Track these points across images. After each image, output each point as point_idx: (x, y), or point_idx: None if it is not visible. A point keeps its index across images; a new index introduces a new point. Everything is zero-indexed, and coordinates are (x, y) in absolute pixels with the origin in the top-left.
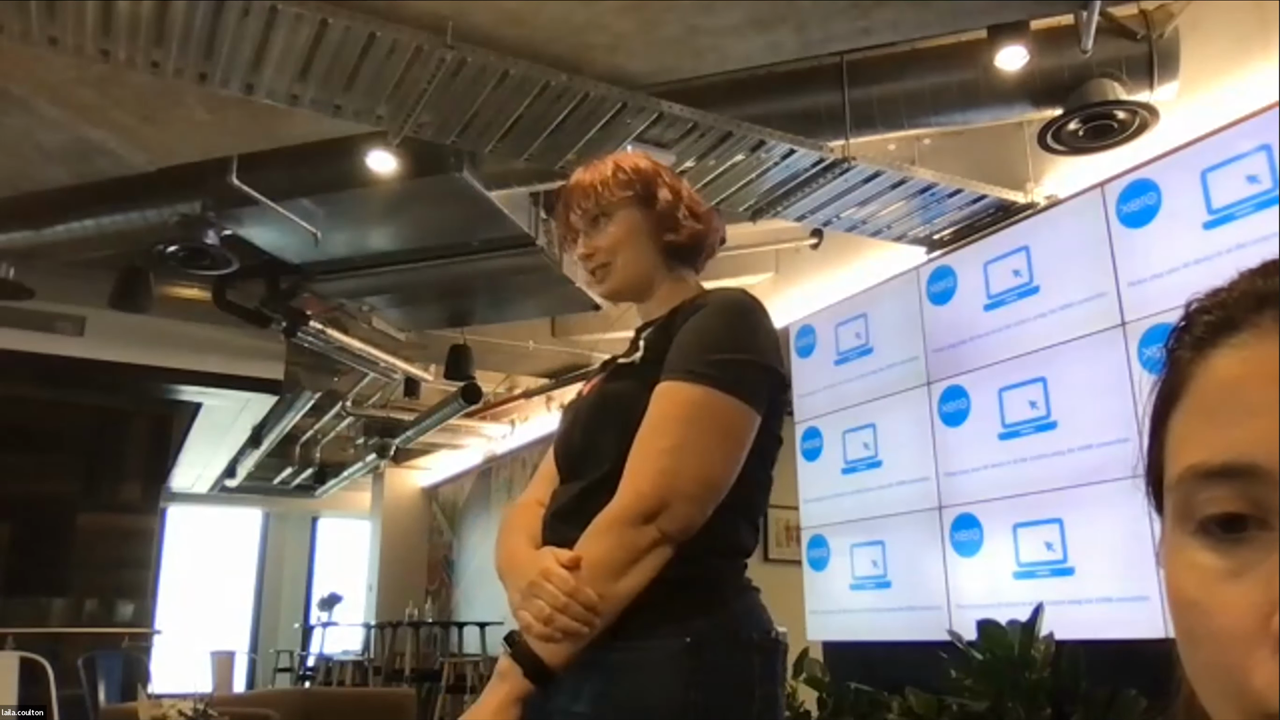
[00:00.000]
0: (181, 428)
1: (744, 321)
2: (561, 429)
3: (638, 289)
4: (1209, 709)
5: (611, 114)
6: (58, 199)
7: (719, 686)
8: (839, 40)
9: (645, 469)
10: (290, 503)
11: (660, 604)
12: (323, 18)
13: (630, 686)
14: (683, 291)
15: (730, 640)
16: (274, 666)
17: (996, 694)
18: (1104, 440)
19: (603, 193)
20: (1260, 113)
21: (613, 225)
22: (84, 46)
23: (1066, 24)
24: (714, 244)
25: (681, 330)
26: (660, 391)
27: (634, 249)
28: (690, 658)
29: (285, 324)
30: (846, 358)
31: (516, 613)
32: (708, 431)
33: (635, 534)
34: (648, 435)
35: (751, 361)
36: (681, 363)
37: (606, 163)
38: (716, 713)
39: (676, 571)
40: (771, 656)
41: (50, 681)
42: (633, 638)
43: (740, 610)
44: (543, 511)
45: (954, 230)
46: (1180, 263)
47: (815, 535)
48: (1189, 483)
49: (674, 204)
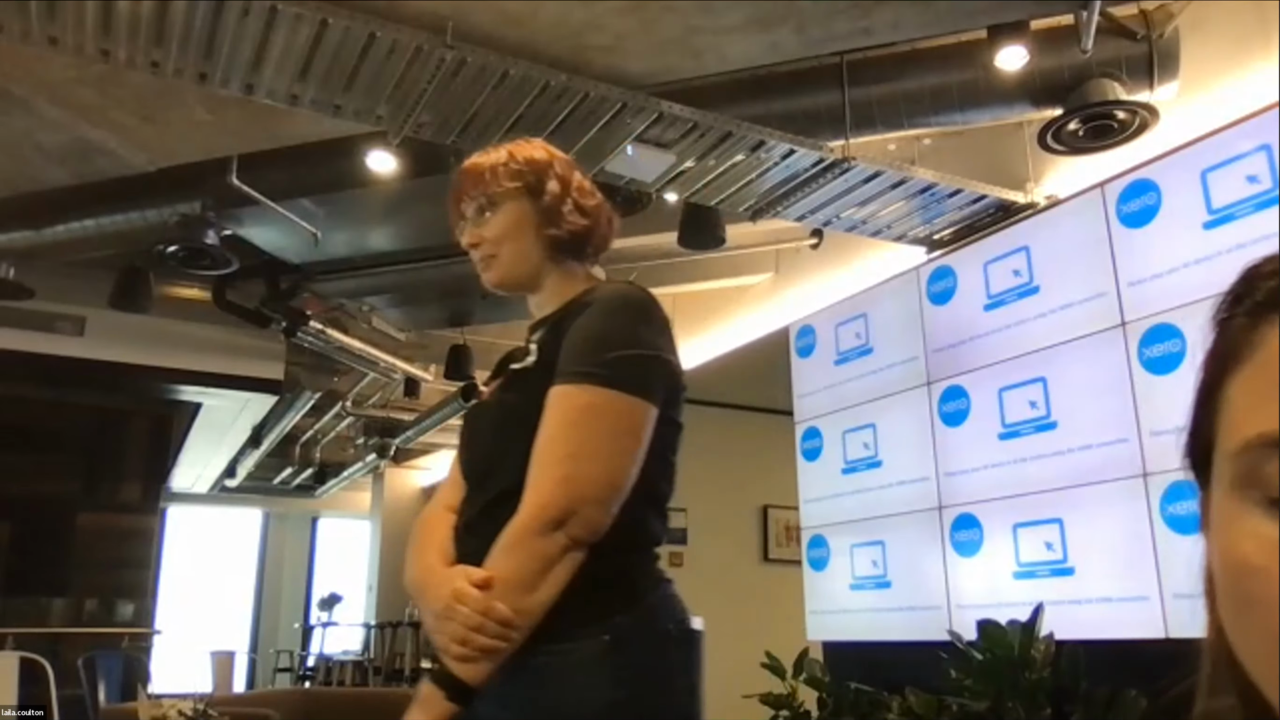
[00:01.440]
0: (181, 428)
1: (630, 316)
2: (463, 437)
3: (523, 281)
4: (1257, 672)
5: (611, 114)
6: (58, 199)
7: (642, 681)
8: (839, 40)
9: (546, 478)
10: (290, 503)
11: (579, 604)
12: (323, 18)
13: (556, 690)
14: (572, 286)
15: (649, 634)
16: (274, 666)
17: (996, 694)
18: (1104, 440)
19: (491, 182)
20: (1260, 113)
21: (499, 216)
22: (84, 46)
23: (1066, 24)
24: (602, 239)
25: (570, 330)
26: (554, 397)
27: (519, 241)
28: (612, 655)
29: (285, 324)
30: (846, 358)
31: (431, 635)
32: (604, 432)
33: (544, 544)
34: (545, 443)
35: (640, 355)
36: (571, 364)
37: (501, 150)
38: (641, 707)
39: (591, 570)
40: (689, 647)
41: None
42: (554, 640)
43: (656, 603)
44: (453, 519)
45: (954, 230)
46: (1180, 263)
47: (815, 535)
48: (1256, 450)
49: (559, 198)
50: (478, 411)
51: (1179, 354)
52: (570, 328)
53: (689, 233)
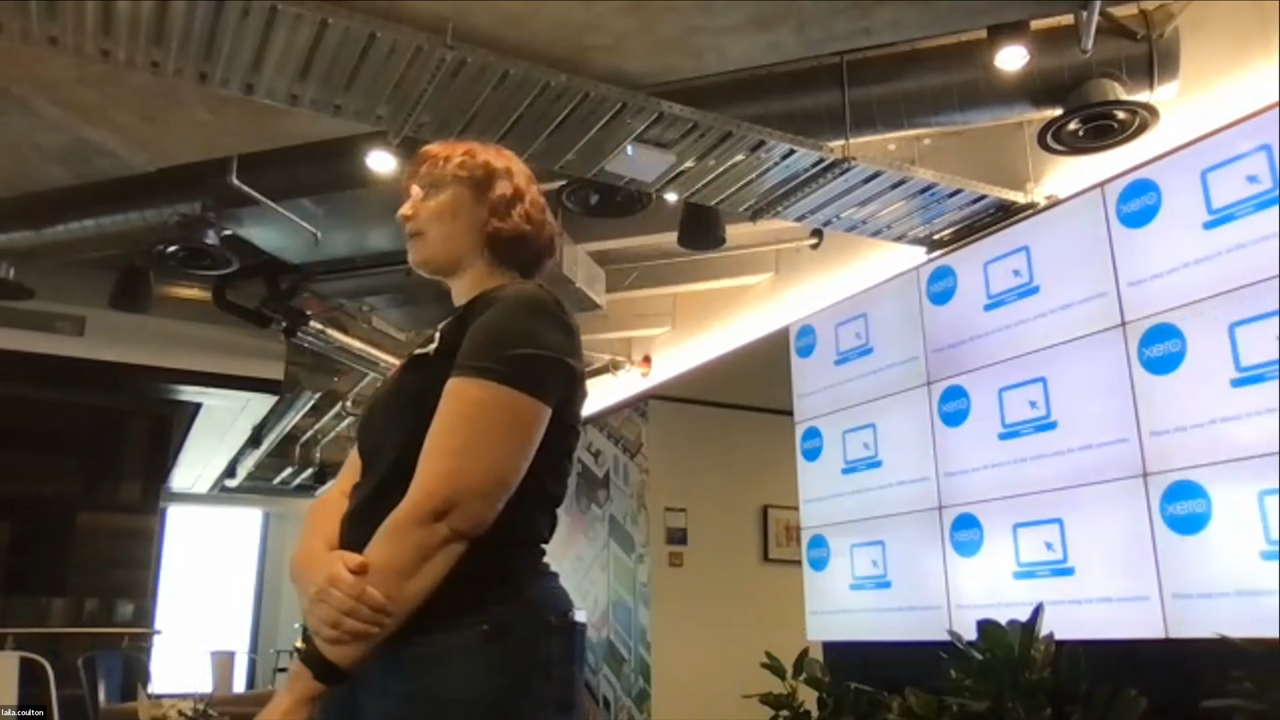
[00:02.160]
0: (181, 428)
1: (533, 316)
2: (360, 421)
3: (443, 265)
4: None
5: (611, 114)
6: (58, 199)
7: (519, 670)
8: (839, 40)
9: (434, 469)
10: (290, 503)
11: (459, 596)
12: (323, 18)
13: (433, 678)
14: (490, 282)
15: (528, 625)
16: (274, 666)
17: (996, 694)
18: (1104, 440)
19: (443, 167)
20: (1260, 113)
21: (440, 196)
22: (84, 46)
23: (1066, 24)
24: (537, 256)
25: (473, 325)
26: (450, 389)
27: (450, 225)
28: (489, 644)
29: (285, 324)
30: (846, 358)
31: (306, 618)
32: (495, 428)
33: (425, 534)
34: (436, 435)
35: (539, 355)
36: (470, 358)
37: (464, 145)
38: (517, 695)
39: (474, 563)
40: (568, 638)
41: (50, 681)
42: (432, 630)
43: (537, 595)
44: (345, 504)
45: (954, 230)
46: (1180, 263)
47: (815, 535)
48: None
49: (510, 200)
50: (376, 394)
51: (1179, 354)
52: (475, 322)
53: (689, 233)
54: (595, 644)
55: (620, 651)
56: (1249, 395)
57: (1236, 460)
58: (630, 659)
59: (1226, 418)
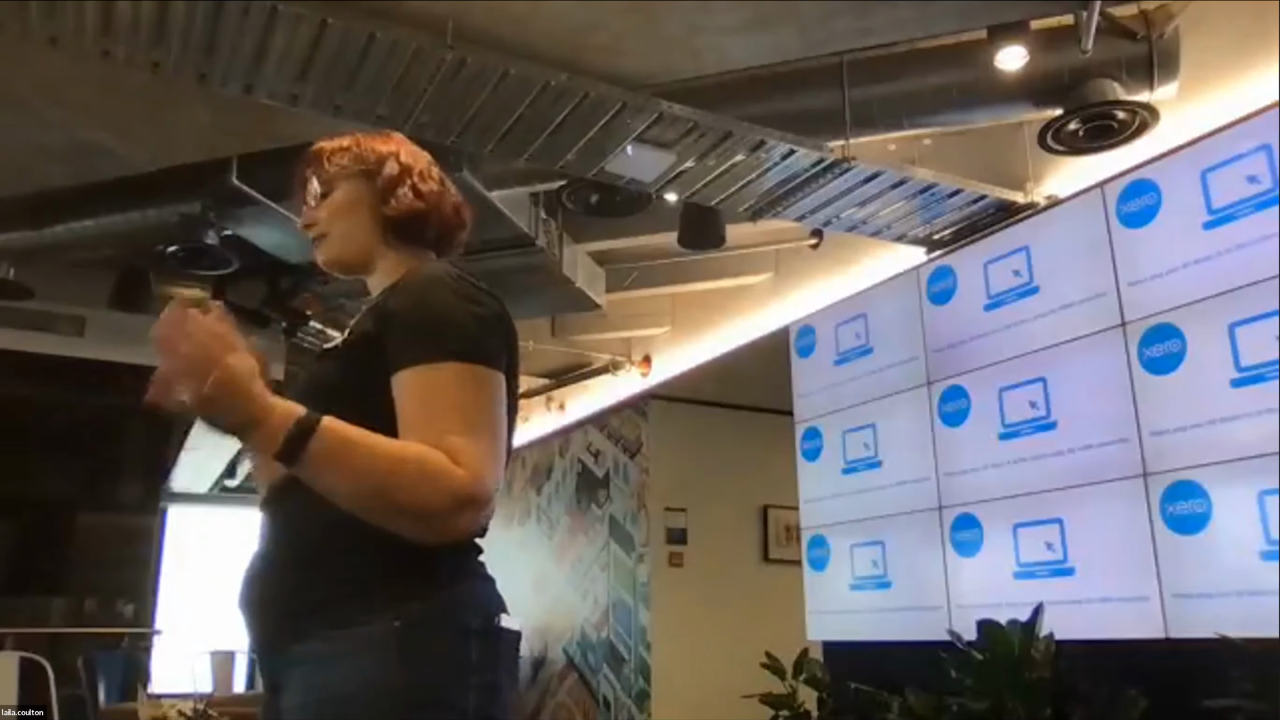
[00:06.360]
0: (181, 428)
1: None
2: None
3: (351, 262)
4: None
5: (611, 114)
6: (58, 199)
7: (430, 669)
8: (840, 40)
9: (474, 450)
10: None
11: (374, 590)
12: (323, 18)
13: (341, 671)
14: (400, 272)
15: (444, 625)
16: None
17: (996, 694)
18: (1104, 440)
19: (331, 164)
20: (1260, 113)
21: (335, 195)
22: (84, 46)
23: (1066, 24)
24: (445, 227)
25: (392, 322)
26: (400, 380)
27: (350, 221)
28: (400, 639)
29: (285, 324)
30: (846, 358)
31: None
32: (483, 407)
33: (438, 503)
34: (448, 410)
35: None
36: (406, 351)
37: (348, 137)
38: (427, 694)
39: (393, 556)
40: (492, 643)
41: (50, 681)
42: (346, 625)
43: (459, 595)
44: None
45: (954, 230)
46: (1180, 263)
47: (815, 535)
48: None
49: (397, 179)
50: (293, 390)
51: (1179, 354)
52: (386, 311)
53: (689, 233)
54: (595, 644)
55: (620, 651)
56: (1249, 395)
57: (1237, 460)
58: (630, 659)
59: (1226, 418)
